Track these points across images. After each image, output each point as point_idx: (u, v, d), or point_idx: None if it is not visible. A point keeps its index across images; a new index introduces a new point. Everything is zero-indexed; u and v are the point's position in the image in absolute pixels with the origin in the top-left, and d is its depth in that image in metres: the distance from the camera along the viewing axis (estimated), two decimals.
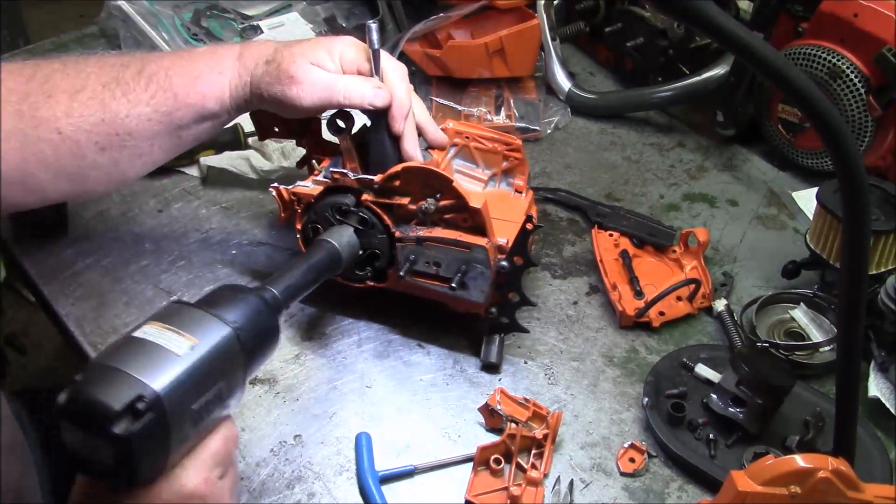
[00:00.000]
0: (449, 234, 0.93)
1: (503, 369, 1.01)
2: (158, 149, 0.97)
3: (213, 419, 0.71)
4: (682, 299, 1.08)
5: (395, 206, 0.95)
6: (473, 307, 0.98)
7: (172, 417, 0.64)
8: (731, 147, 1.38)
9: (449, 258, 0.94)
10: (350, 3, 1.53)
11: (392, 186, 0.95)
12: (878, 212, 1.01)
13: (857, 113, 1.17)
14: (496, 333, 1.00)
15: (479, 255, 0.92)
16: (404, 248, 0.96)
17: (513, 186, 1.09)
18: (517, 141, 1.05)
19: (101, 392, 0.61)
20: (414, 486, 0.89)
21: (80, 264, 1.11)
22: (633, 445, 0.92)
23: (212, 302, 0.73)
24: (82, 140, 0.91)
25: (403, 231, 0.95)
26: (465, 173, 1.09)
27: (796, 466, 0.68)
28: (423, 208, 0.93)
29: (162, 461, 0.66)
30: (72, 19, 1.45)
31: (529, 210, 1.06)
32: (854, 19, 1.15)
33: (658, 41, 1.40)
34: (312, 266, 0.89)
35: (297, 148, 1.22)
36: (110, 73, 0.93)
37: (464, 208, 0.92)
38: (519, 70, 1.39)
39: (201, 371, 0.67)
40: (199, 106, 0.95)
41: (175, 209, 1.20)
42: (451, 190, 0.92)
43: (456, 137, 1.08)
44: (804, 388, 0.96)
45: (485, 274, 0.93)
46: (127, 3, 1.39)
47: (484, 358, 1.00)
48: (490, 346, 1.00)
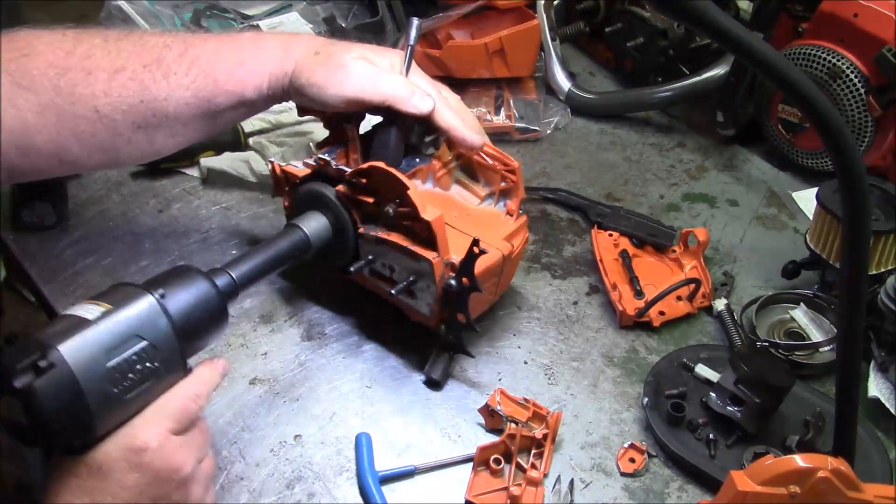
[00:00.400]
0: (403, 241, 0.92)
1: (503, 370, 1.01)
2: (193, 130, 0.97)
3: (157, 379, 0.73)
4: (682, 299, 1.08)
5: (362, 202, 0.95)
6: (422, 318, 0.98)
7: (80, 373, 0.67)
8: (731, 147, 1.38)
9: (402, 265, 0.94)
10: (350, 3, 1.53)
11: (360, 183, 0.95)
12: (878, 212, 1.01)
13: (857, 113, 1.17)
14: (445, 351, 0.99)
15: (425, 268, 0.91)
16: (365, 245, 0.96)
17: (506, 208, 1.06)
18: (515, 163, 1.02)
19: (11, 356, 0.67)
20: (414, 486, 0.89)
21: (80, 264, 1.11)
22: (633, 445, 0.92)
23: (153, 280, 0.78)
24: (119, 119, 0.91)
25: (367, 229, 0.96)
26: (466, 186, 1.07)
27: (796, 466, 0.68)
28: (385, 211, 0.93)
29: (85, 416, 0.68)
30: (72, 19, 1.44)
31: (518, 235, 1.02)
32: (854, 19, 1.15)
33: (658, 41, 1.41)
34: (276, 251, 0.92)
35: (300, 151, 1.23)
36: (152, 53, 0.93)
37: (417, 218, 0.90)
38: (519, 70, 1.39)
39: (111, 331, 0.71)
40: (237, 93, 0.96)
41: (175, 209, 1.20)
42: (406, 197, 0.91)
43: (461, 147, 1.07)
44: (804, 388, 0.96)
45: (431, 288, 0.92)
46: (127, 3, 1.39)
47: (427, 372, 0.98)
48: (436, 363, 0.98)
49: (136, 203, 1.20)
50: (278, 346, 1.02)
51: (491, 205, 1.05)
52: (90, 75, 0.90)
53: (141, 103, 0.92)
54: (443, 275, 0.91)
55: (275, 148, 1.23)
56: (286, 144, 1.24)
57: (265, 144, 1.24)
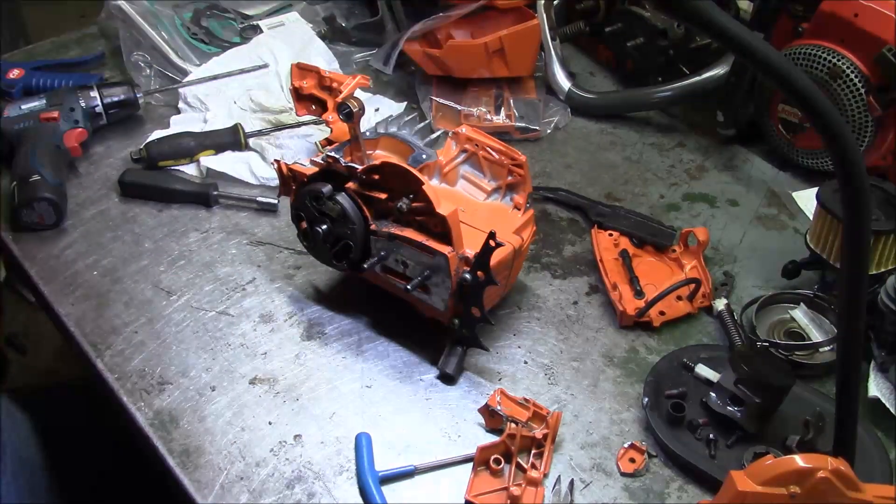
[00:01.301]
0: (417, 237, 0.93)
1: (503, 369, 1.01)
2: None
3: None
4: (682, 299, 1.08)
5: (374, 199, 0.96)
6: (436, 314, 0.98)
7: None
8: (731, 147, 1.38)
9: (416, 260, 0.94)
10: (350, 3, 1.53)
11: (372, 180, 0.95)
12: (878, 212, 1.01)
13: (857, 113, 1.17)
14: (459, 345, 1.00)
15: (440, 263, 0.92)
16: (377, 241, 0.96)
17: (514, 202, 1.07)
18: (522, 157, 1.04)
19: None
20: (414, 486, 0.89)
21: (80, 264, 1.11)
22: (633, 445, 0.92)
23: None
24: None
25: (379, 225, 0.96)
26: (472, 181, 1.08)
27: (796, 466, 0.68)
28: (398, 206, 0.93)
29: None
30: (72, 19, 1.45)
31: (526, 228, 1.03)
32: (854, 19, 1.15)
33: (658, 41, 1.40)
34: None
35: (300, 153, 1.23)
36: None
37: (432, 213, 0.91)
38: (519, 70, 1.39)
39: None
40: None
41: (175, 209, 1.20)
42: (421, 192, 0.91)
43: (466, 143, 1.07)
44: (804, 388, 0.96)
45: (445, 282, 0.93)
46: (127, 3, 1.39)
47: (441, 367, 0.99)
48: (450, 357, 0.99)
49: (136, 203, 1.20)
50: (278, 346, 1.02)
51: (497, 199, 1.06)
52: None
53: None
54: (458, 269, 0.92)
55: (274, 150, 1.23)
56: (286, 146, 1.24)
57: (265, 146, 1.25)
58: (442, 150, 1.05)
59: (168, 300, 1.07)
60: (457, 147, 1.07)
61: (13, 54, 1.53)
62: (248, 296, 1.07)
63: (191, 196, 1.20)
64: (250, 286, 1.09)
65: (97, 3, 1.45)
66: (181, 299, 1.07)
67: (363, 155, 1.00)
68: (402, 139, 1.04)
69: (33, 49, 1.54)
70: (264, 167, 1.23)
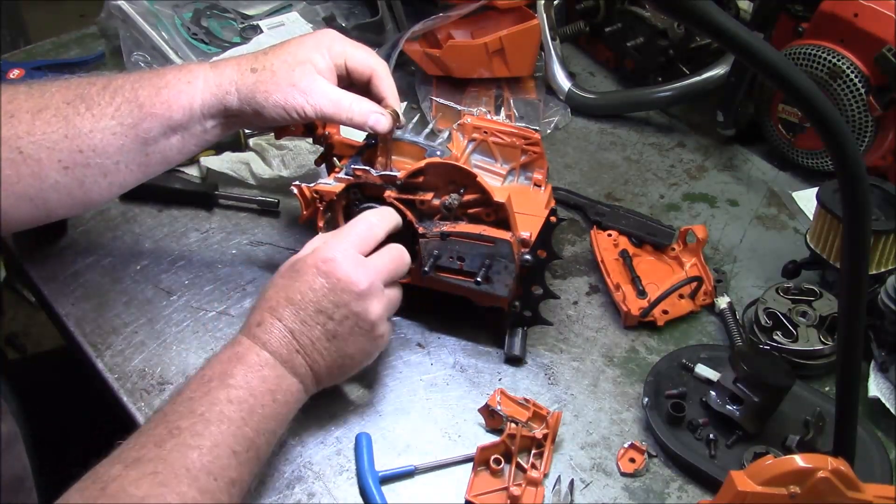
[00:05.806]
0: (473, 229, 0.93)
1: (503, 369, 1.01)
2: (125, 167, 0.93)
3: None
4: (684, 297, 1.08)
5: (417, 202, 0.95)
6: (497, 301, 0.98)
7: None
8: (731, 147, 1.38)
9: (473, 253, 0.94)
10: (350, 3, 1.53)
11: (416, 183, 0.95)
12: (878, 212, 1.01)
13: (857, 113, 1.17)
14: (519, 327, 1.01)
15: (503, 250, 0.93)
16: (428, 243, 0.96)
17: (531, 180, 1.08)
18: (535, 135, 1.04)
19: None
20: (414, 486, 0.89)
21: (80, 264, 1.11)
22: (633, 445, 0.92)
23: None
24: (44, 158, 0.88)
25: (426, 227, 0.95)
26: (484, 168, 1.08)
27: (796, 466, 0.68)
28: (447, 203, 0.93)
29: None
30: (72, 19, 1.45)
31: (549, 204, 1.05)
32: (854, 19, 1.15)
33: (658, 41, 1.40)
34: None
35: (299, 155, 1.23)
36: (75, 90, 0.92)
37: (488, 203, 0.92)
38: (519, 70, 1.39)
39: None
40: (164, 116, 0.92)
41: (175, 209, 1.20)
42: (475, 185, 0.92)
43: (474, 132, 1.07)
44: (804, 388, 0.96)
45: (509, 268, 0.94)
46: (127, 3, 1.39)
47: (508, 351, 1.00)
48: (513, 339, 1.01)
49: (136, 203, 1.20)
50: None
51: (514, 181, 1.07)
52: (13, 118, 0.88)
53: (65, 138, 0.89)
54: (519, 252, 0.94)
55: (274, 151, 1.23)
56: (286, 148, 1.24)
57: (265, 147, 1.24)
58: (451, 144, 1.06)
59: (168, 300, 1.07)
60: (465, 138, 1.07)
61: (13, 54, 1.53)
62: (249, 296, 1.07)
63: (191, 196, 1.20)
64: (250, 286, 1.09)
65: (97, 3, 1.45)
66: (181, 299, 1.07)
67: (386, 161, 1.00)
68: (409, 141, 1.04)
69: (33, 49, 1.54)
70: (264, 168, 1.23)
